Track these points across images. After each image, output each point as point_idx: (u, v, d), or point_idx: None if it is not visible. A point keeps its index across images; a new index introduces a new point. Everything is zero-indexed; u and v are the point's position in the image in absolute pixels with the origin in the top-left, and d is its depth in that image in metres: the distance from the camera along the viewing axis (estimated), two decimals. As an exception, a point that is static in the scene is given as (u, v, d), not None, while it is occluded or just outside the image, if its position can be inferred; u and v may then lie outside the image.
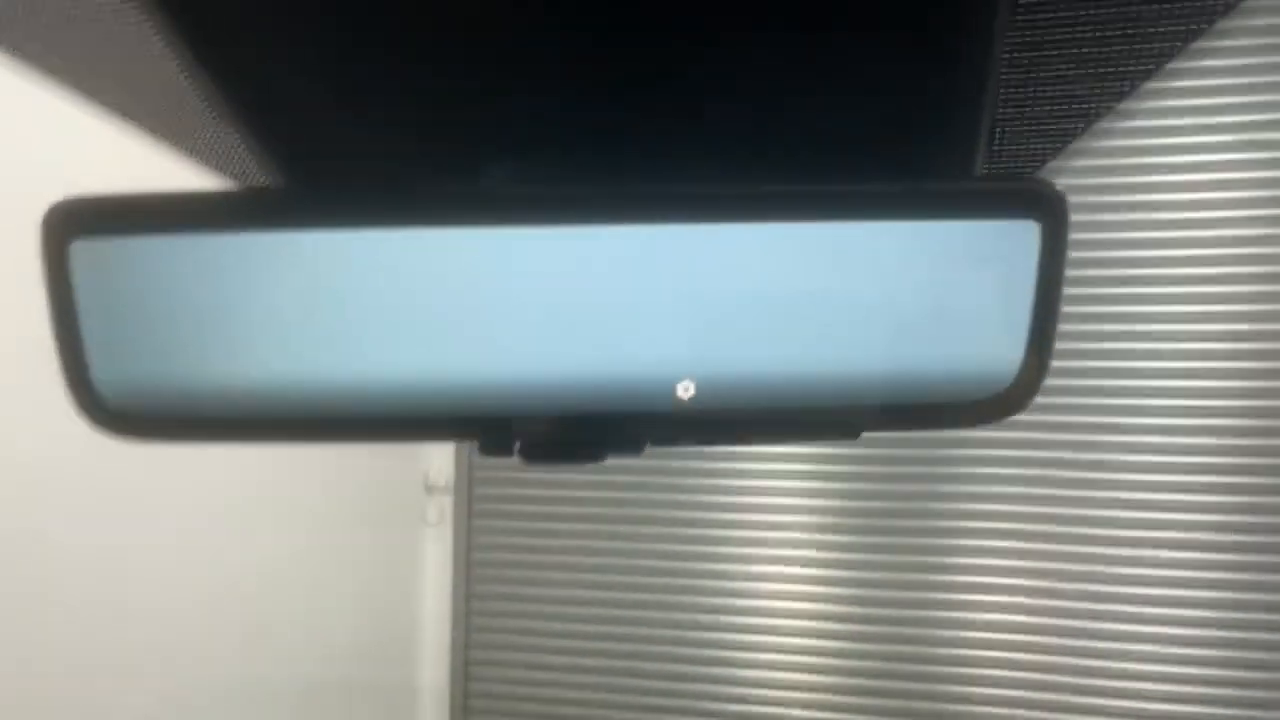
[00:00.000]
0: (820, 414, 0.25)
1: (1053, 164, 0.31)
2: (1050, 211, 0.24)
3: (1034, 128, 0.29)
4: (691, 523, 1.68)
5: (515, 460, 0.25)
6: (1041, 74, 0.27)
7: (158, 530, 1.17)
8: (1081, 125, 0.28)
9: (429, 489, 1.85)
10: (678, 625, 1.68)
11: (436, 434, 0.25)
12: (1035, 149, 0.29)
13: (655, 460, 1.71)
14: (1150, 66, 0.26)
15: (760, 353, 0.24)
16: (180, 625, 1.23)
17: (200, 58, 0.28)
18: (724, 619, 1.69)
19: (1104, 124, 1.27)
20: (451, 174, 0.30)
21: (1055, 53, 0.26)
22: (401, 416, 0.25)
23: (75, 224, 0.24)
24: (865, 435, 0.26)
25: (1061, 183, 0.28)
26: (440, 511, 1.85)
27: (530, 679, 1.80)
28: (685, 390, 0.24)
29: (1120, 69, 0.27)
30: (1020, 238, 0.24)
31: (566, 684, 1.78)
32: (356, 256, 0.25)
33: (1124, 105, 1.44)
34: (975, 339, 0.25)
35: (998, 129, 0.29)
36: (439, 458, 1.79)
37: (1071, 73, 0.27)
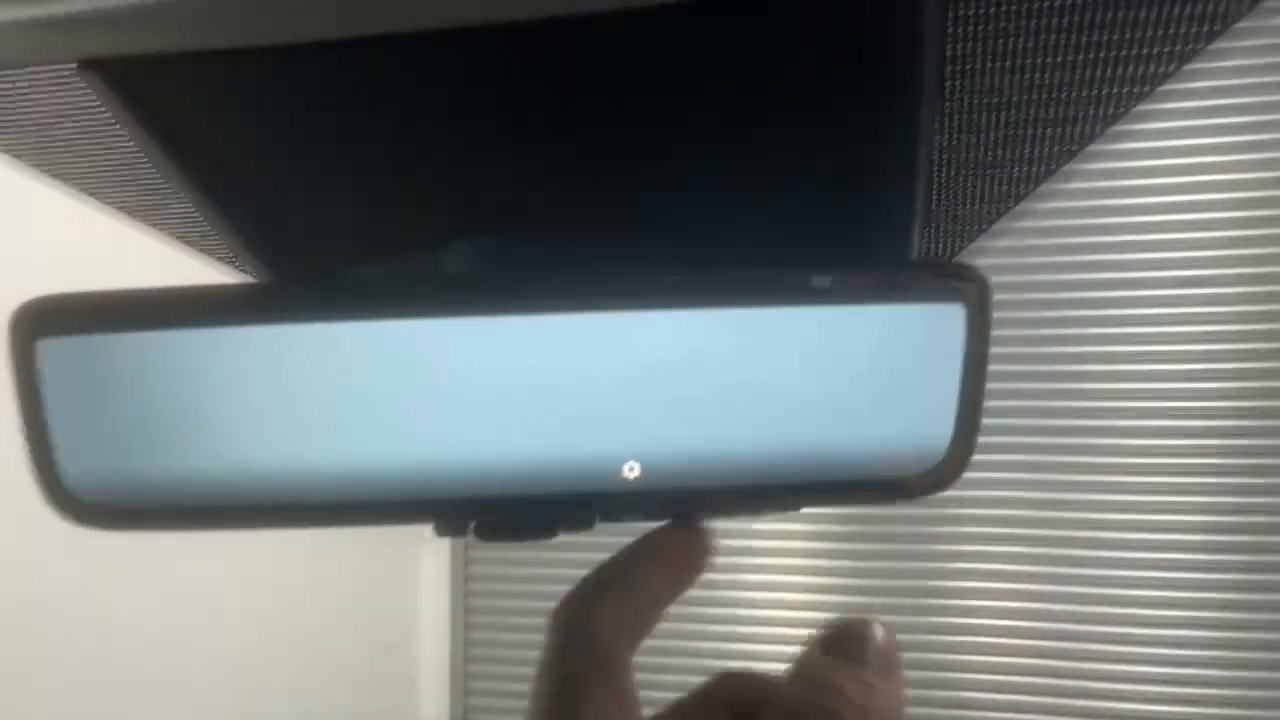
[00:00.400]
0: (760, 492, 0.26)
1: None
2: (973, 296, 0.25)
3: (966, 207, 0.30)
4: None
5: (470, 539, 0.27)
6: (971, 158, 0.28)
7: (146, 551, 1.18)
8: (1010, 203, 0.30)
9: (426, 505, 1.85)
10: (678, 636, 1.69)
11: (393, 518, 0.26)
12: (968, 226, 0.31)
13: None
14: (1074, 147, 0.28)
15: (702, 434, 0.26)
16: (170, 645, 1.24)
17: (165, 149, 0.29)
18: (725, 629, 1.70)
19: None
20: (413, 257, 0.31)
21: (982, 139, 0.27)
22: (364, 502, 0.26)
23: (44, 323, 0.25)
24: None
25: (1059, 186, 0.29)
26: (437, 528, 1.84)
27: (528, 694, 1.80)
28: (631, 470, 0.26)
29: (1046, 150, 0.28)
30: (946, 320, 0.25)
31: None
32: (317, 349, 0.26)
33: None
34: (905, 418, 0.26)
35: (935, 209, 0.30)
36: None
37: (1000, 155, 0.28)
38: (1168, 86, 1.55)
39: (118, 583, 1.14)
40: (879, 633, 0.20)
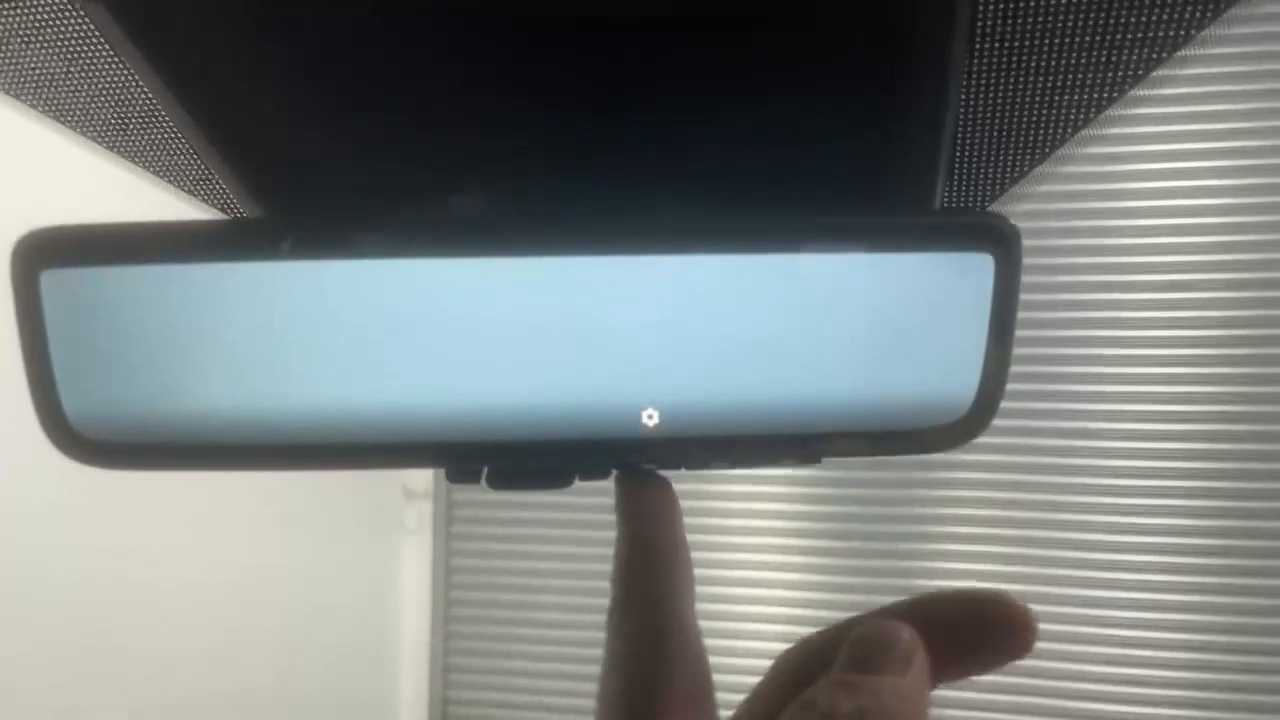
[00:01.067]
0: (781, 441, 0.25)
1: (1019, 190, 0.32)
2: (1003, 245, 0.25)
3: (995, 156, 0.29)
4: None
5: (483, 486, 0.26)
6: (1002, 103, 0.28)
7: (128, 537, 1.17)
8: (1042, 154, 0.29)
9: (408, 495, 1.85)
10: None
11: (405, 461, 0.25)
12: (997, 177, 0.30)
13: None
14: (1113, 95, 0.27)
15: (723, 381, 0.25)
16: (152, 633, 1.22)
17: (167, 84, 0.28)
18: (704, 624, 1.69)
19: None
20: (422, 203, 0.30)
21: (1014, 83, 0.27)
22: (371, 444, 0.25)
23: (46, 254, 0.24)
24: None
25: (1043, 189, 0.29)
26: (419, 518, 1.84)
27: (509, 685, 1.80)
28: (650, 417, 0.25)
29: (1081, 97, 0.27)
30: (975, 270, 0.25)
31: (546, 690, 1.78)
32: (327, 286, 0.25)
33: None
34: (931, 368, 0.25)
35: (959, 157, 0.30)
36: (418, 464, 1.79)
37: (1031, 102, 0.28)
38: (1156, 96, 1.56)
39: (96, 566, 1.12)
40: (903, 635, 0.19)
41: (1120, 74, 0.25)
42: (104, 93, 0.31)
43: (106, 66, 0.30)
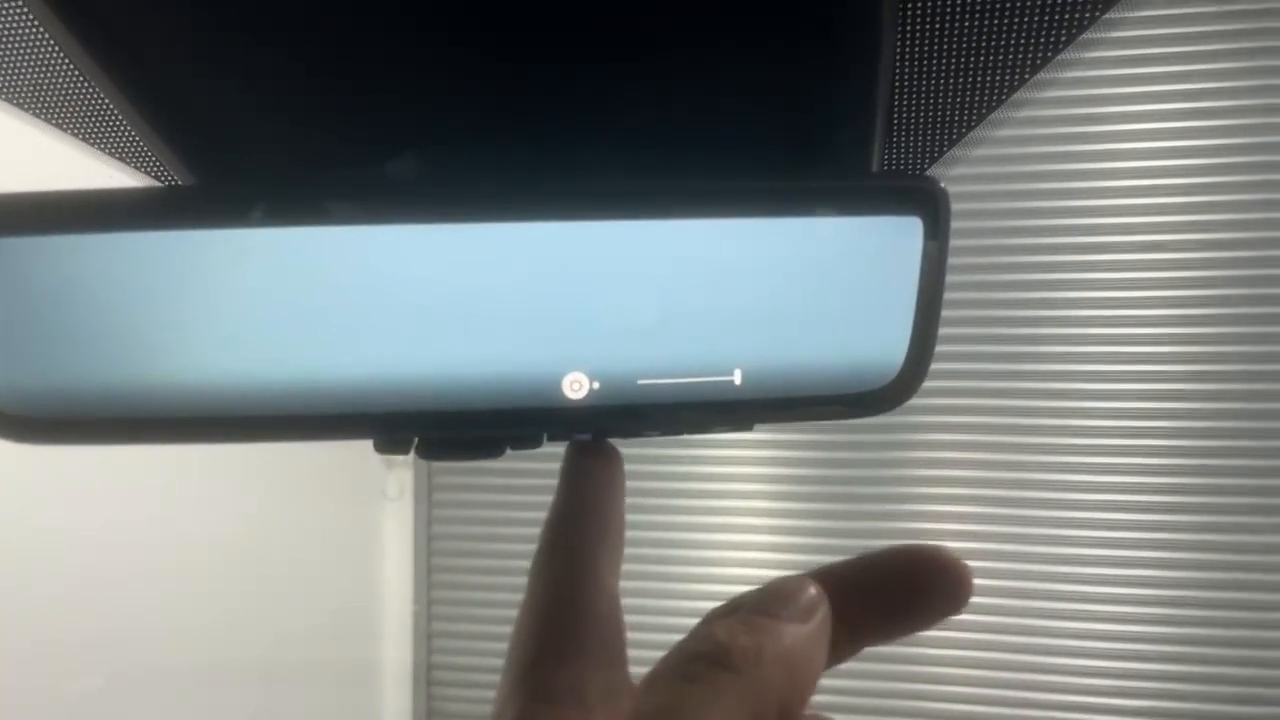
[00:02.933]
0: (712, 408, 0.25)
1: (957, 153, 0.32)
2: (931, 207, 0.25)
3: (930, 121, 0.29)
4: (652, 492, 1.69)
5: (412, 457, 0.26)
6: (934, 67, 0.27)
7: (110, 506, 1.16)
8: (977, 117, 0.29)
9: (389, 463, 1.85)
10: (639, 594, 1.70)
11: (332, 433, 0.25)
12: (932, 141, 0.30)
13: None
14: (1042, 58, 0.27)
15: (653, 348, 0.25)
16: (134, 603, 1.23)
17: (90, 51, 0.27)
18: (685, 587, 1.71)
19: (1059, 94, 1.28)
20: (355, 168, 0.30)
21: (946, 47, 0.27)
22: (298, 416, 0.25)
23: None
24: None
25: (1016, 151, 0.29)
26: (400, 486, 1.84)
27: (493, 651, 1.82)
28: (580, 385, 0.25)
29: (1013, 60, 0.27)
30: (904, 234, 0.25)
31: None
32: (255, 254, 0.25)
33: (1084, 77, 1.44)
34: (861, 332, 0.25)
35: (896, 122, 0.29)
36: (398, 433, 1.79)
37: (964, 66, 0.27)
38: (1134, 57, 1.56)
39: (75, 535, 1.12)
40: (809, 589, 0.19)
41: (1050, 37, 0.25)
42: (26, 58, 0.30)
43: (28, 32, 0.29)
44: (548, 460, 0.28)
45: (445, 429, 0.25)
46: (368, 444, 0.26)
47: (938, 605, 0.21)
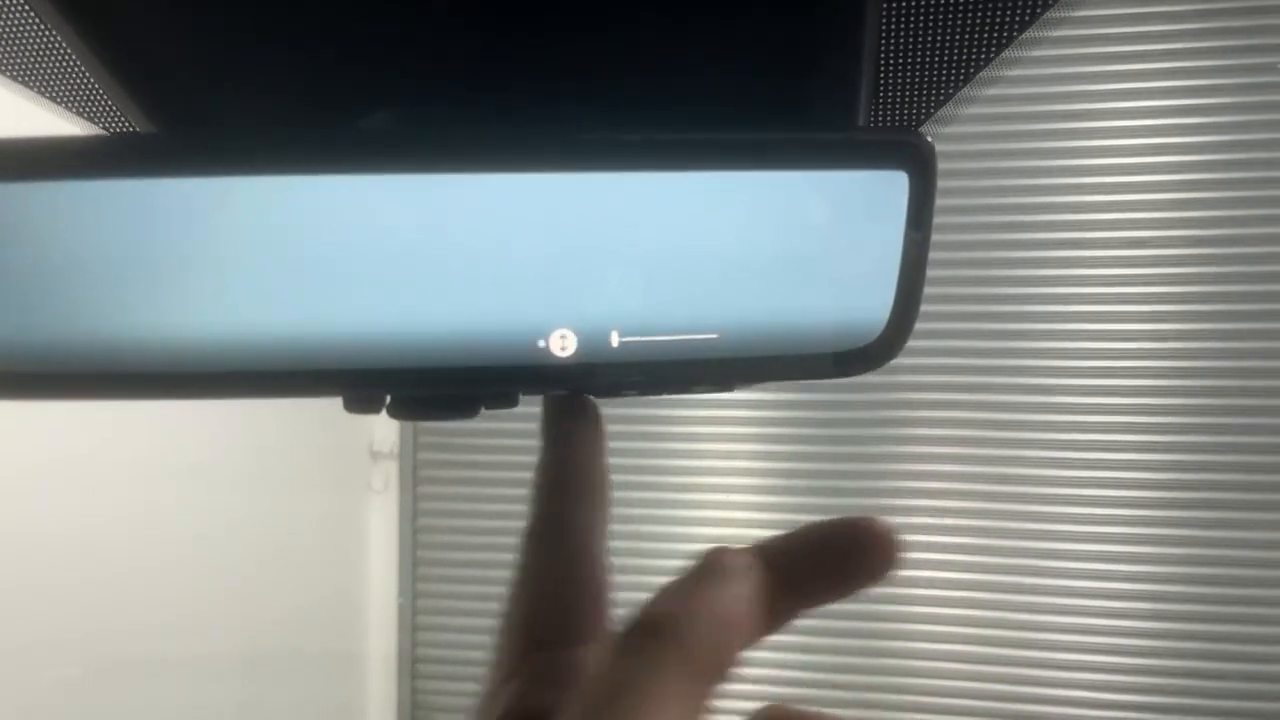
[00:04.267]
0: (693, 366, 0.25)
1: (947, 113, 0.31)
2: (918, 161, 0.24)
3: (918, 78, 0.28)
4: (638, 485, 1.69)
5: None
6: (921, 23, 0.27)
7: (95, 497, 1.15)
8: (966, 75, 0.28)
9: (374, 455, 1.84)
10: (624, 588, 1.69)
11: (302, 390, 0.24)
12: (921, 99, 0.29)
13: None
14: (1031, 14, 0.26)
15: (629, 305, 0.24)
16: (119, 594, 1.21)
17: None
18: (662, 545, 1.71)
19: (1044, 90, 1.28)
20: (326, 119, 0.29)
21: (932, 2, 0.26)
22: (266, 372, 0.24)
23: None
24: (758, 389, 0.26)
25: (993, 129, 0.28)
26: (385, 478, 1.83)
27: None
28: (557, 342, 0.24)
29: (1001, 16, 0.26)
30: (890, 189, 0.24)
31: (514, 647, 1.78)
32: (223, 205, 0.24)
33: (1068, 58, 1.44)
34: (845, 290, 0.25)
35: (883, 79, 0.29)
36: (383, 424, 1.78)
37: (951, 22, 0.27)
38: (1118, 55, 1.56)
39: (54, 522, 1.10)
40: (721, 552, 0.20)
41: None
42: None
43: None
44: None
45: (417, 387, 0.24)
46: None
47: (871, 568, 0.21)
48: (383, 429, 1.78)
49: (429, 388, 0.24)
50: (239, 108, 0.29)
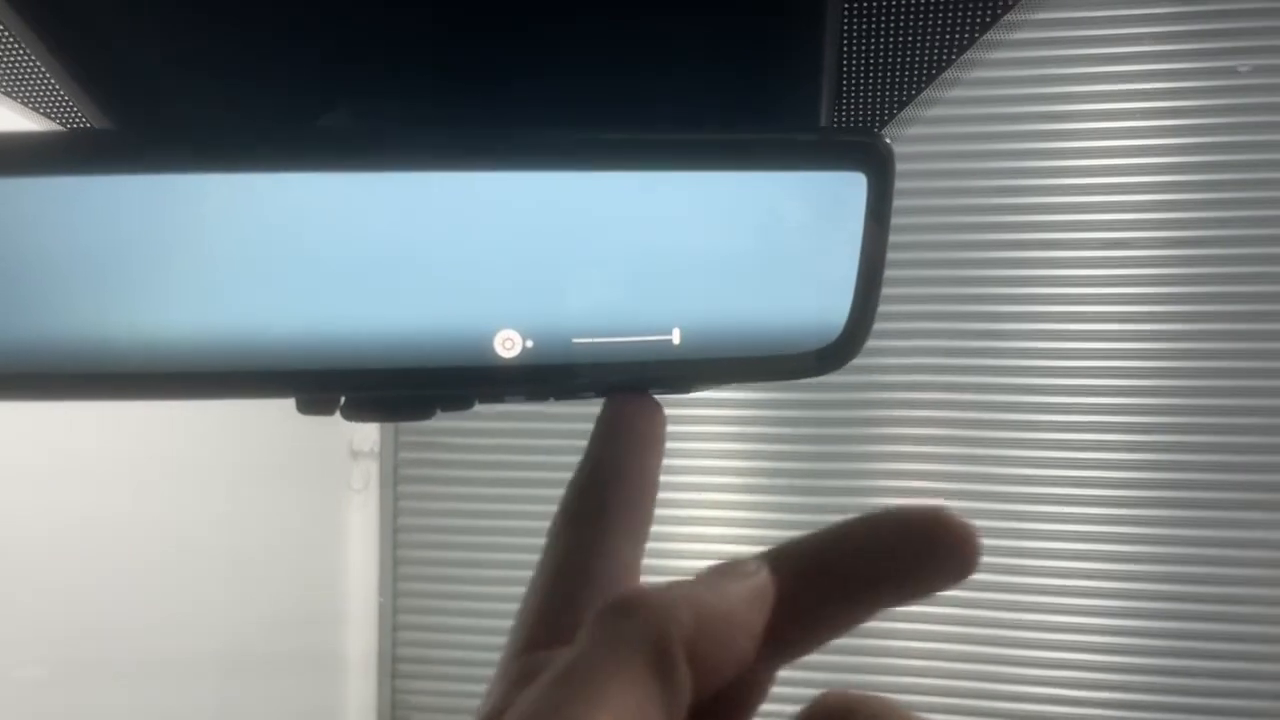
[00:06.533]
0: (649, 369, 0.24)
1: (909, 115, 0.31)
2: (876, 163, 0.24)
3: (880, 80, 0.28)
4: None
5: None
6: (881, 25, 0.27)
7: (72, 497, 1.13)
8: (927, 77, 0.28)
9: (354, 454, 1.82)
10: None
11: (250, 391, 0.24)
12: (883, 101, 0.29)
13: (581, 424, 1.71)
14: (991, 16, 0.26)
15: (585, 307, 0.24)
16: (96, 594, 1.20)
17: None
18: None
19: (1026, 92, 1.28)
20: (287, 117, 0.29)
21: (893, 2, 0.26)
22: (215, 373, 0.23)
23: None
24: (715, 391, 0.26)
25: (976, 130, 0.28)
26: (365, 477, 1.82)
27: (459, 643, 1.80)
28: (512, 343, 0.24)
29: (960, 19, 0.26)
30: (848, 190, 0.24)
31: (496, 647, 1.78)
32: (178, 202, 0.23)
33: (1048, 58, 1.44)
34: (803, 292, 0.25)
35: (846, 81, 0.29)
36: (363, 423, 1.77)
37: (911, 24, 0.27)
38: (1096, 55, 1.57)
39: (27, 523, 1.09)
40: (750, 563, 0.19)
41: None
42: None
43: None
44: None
45: (371, 389, 0.24)
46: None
47: (945, 571, 0.19)
48: (363, 428, 1.77)
49: (382, 389, 0.24)
50: (198, 105, 0.29)
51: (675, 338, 0.24)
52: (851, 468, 1.68)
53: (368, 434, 1.78)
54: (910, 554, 0.18)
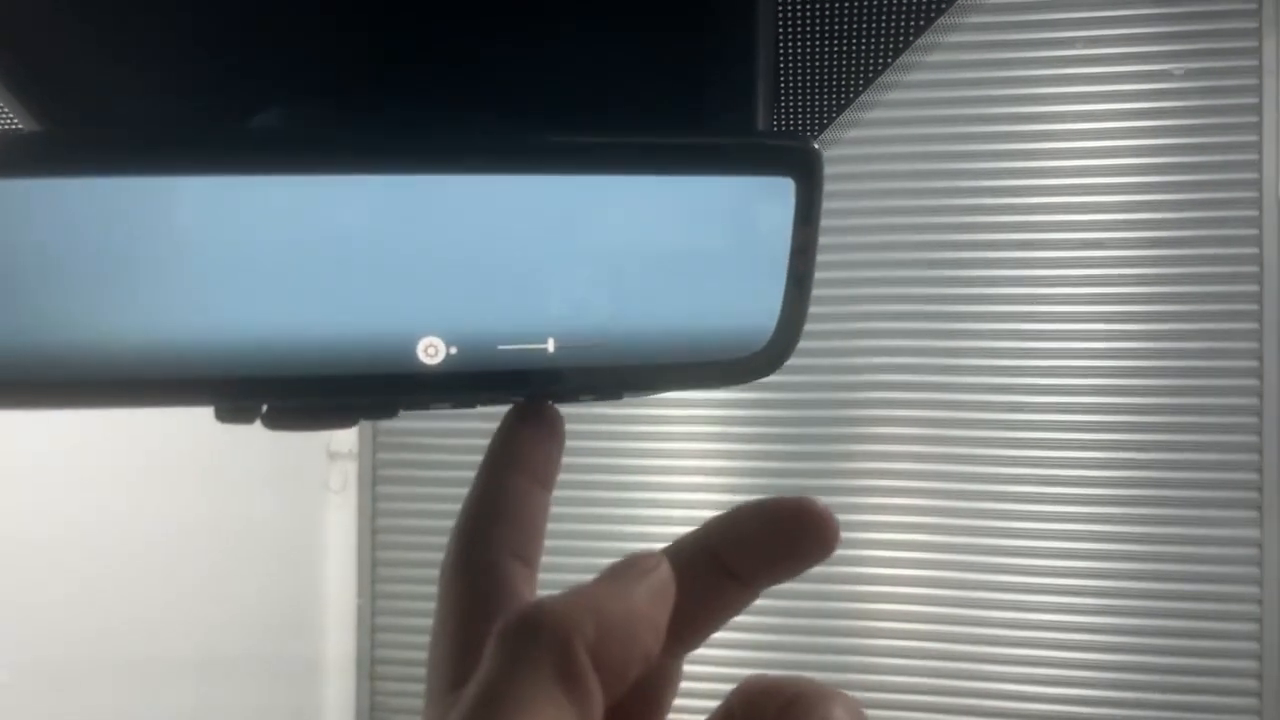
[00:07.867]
0: (576, 375, 0.24)
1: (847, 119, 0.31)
2: (804, 167, 0.24)
3: (816, 85, 0.28)
4: (597, 485, 1.68)
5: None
6: (816, 30, 0.26)
7: (45, 501, 1.12)
8: (864, 80, 0.28)
9: (332, 455, 1.81)
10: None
11: (169, 400, 0.23)
12: (820, 106, 0.29)
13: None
14: (926, 19, 0.26)
15: (510, 313, 0.24)
16: (70, 597, 1.19)
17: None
18: (626, 545, 1.70)
19: (1002, 93, 1.28)
20: (219, 118, 0.28)
21: (825, 8, 0.26)
22: (130, 380, 0.23)
23: None
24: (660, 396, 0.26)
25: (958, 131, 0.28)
26: (344, 478, 1.81)
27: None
28: (435, 350, 0.24)
29: (896, 22, 0.26)
30: (776, 195, 0.24)
31: (475, 648, 1.77)
32: (96, 205, 0.23)
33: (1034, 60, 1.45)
34: (732, 298, 0.24)
35: (782, 87, 0.29)
36: (341, 424, 1.76)
37: (846, 29, 0.27)
38: (1073, 58, 1.58)
39: (6, 515, 1.07)
40: (651, 559, 0.19)
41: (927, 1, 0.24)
42: None
43: None
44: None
45: (291, 396, 0.24)
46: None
47: (808, 552, 0.21)
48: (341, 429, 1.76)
49: (302, 397, 0.24)
50: (129, 107, 0.28)
51: (603, 344, 0.24)
52: (830, 467, 1.68)
53: (346, 435, 1.77)
54: (784, 539, 0.21)
